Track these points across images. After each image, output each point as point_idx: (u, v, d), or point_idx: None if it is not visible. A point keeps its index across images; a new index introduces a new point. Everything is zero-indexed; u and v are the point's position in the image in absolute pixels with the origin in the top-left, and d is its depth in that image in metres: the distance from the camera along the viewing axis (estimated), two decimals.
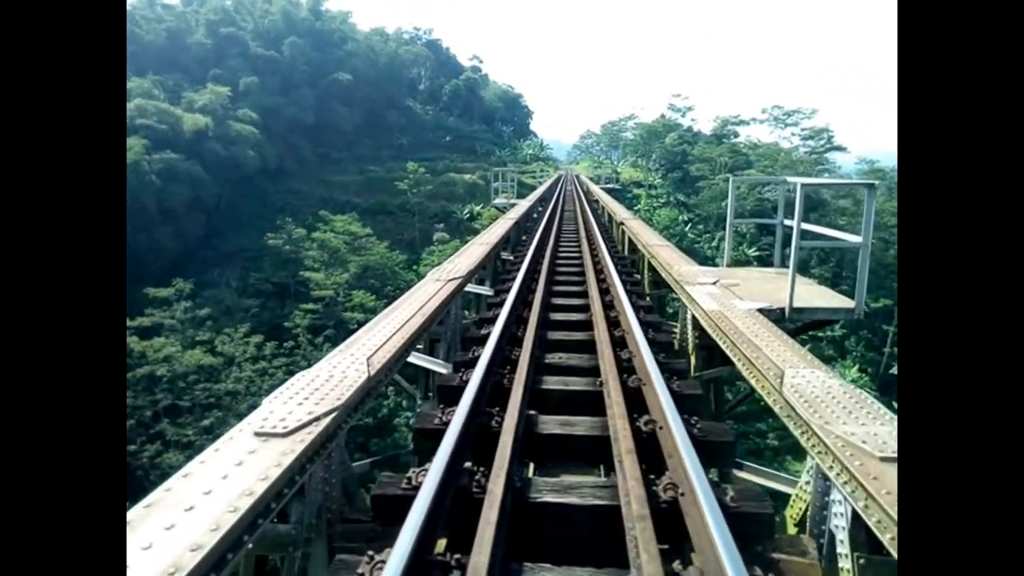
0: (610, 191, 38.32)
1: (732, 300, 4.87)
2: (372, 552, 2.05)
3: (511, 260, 10.12)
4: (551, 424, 3.17)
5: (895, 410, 2.35)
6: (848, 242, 4.81)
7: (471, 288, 8.00)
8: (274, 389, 3.00)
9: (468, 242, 10.94)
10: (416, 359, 5.20)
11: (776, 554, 2.52)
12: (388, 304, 5.93)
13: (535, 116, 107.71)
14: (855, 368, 33.57)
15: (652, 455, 2.74)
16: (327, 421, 2.62)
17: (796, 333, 4.99)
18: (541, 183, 43.07)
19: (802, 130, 63.42)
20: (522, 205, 19.07)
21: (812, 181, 5.83)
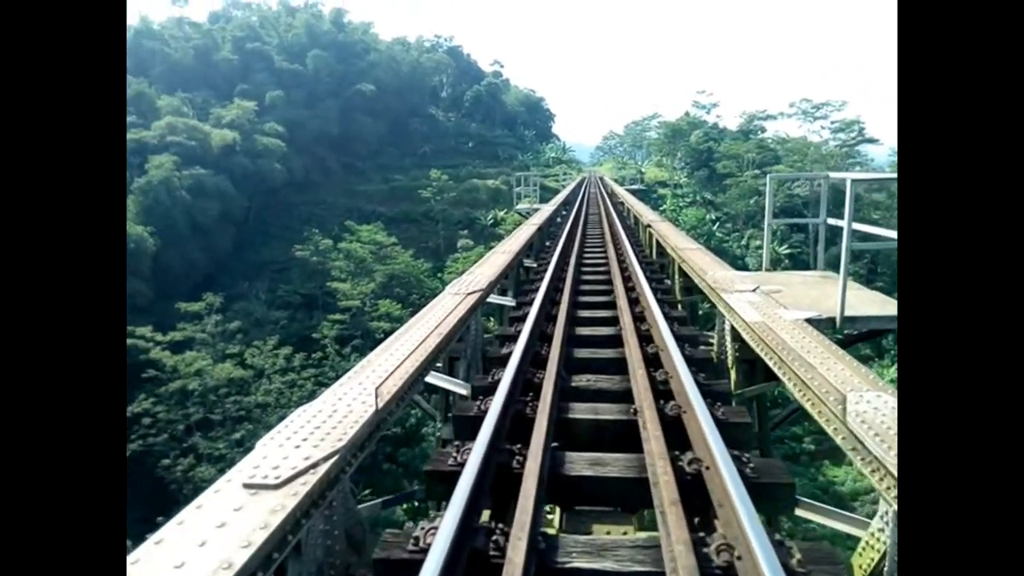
0: (635, 192, 37.74)
1: (776, 309, 4.45)
2: None
3: (535, 268, 9.79)
4: (579, 464, 2.79)
5: None
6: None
7: (493, 299, 7.69)
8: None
9: (492, 249, 10.66)
10: (434, 379, 4.89)
11: None
12: (414, 313, 5.64)
13: (557, 119, 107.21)
14: (894, 368, 32.31)
15: (698, 502, 2.38)
16: (326, 467, 2.32)
17: (846, 344, 4.55)
18: (564, 186, 42.69)
19: (832, 123, 61.79)
20: (545, 210, 18.73)
21: (864, 176, 5.37)
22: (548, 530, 2.50)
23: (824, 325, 4.31)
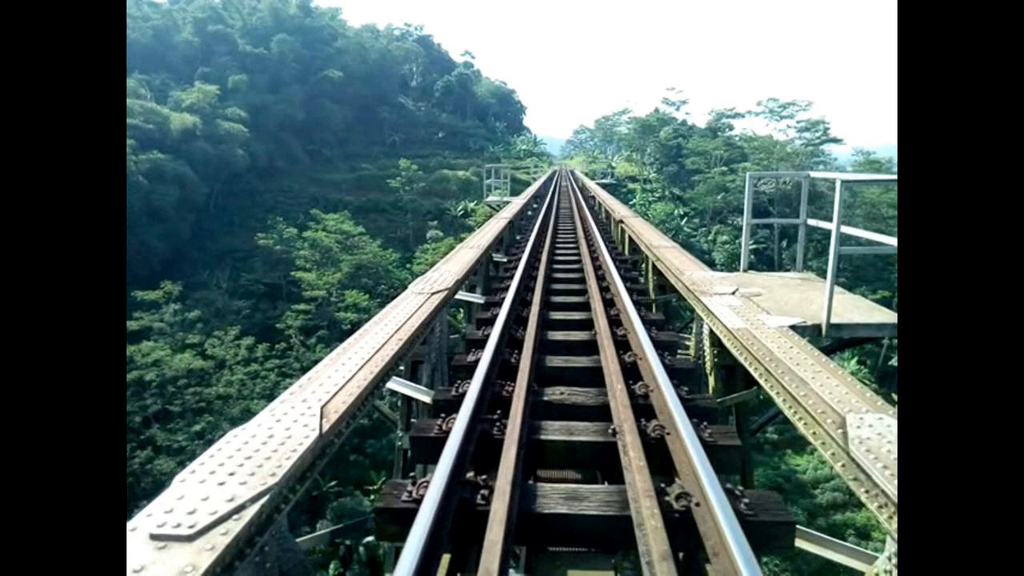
0: (606, 186, 37.63)
1: (758, 315, 4.21)
2: None
3: (505, 262, 9.45)
4: (554, 500, 2.42)
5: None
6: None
7: (461, 295, 7.34)
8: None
9: (462, 241, 10.28)
10: (396, 384, 4.54)
11: None
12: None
13: (528, 112, 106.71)
14: (854, 360, 33.02)
15: (690, 545, 2.09)
16: (255, 509, 1.96)
17: (829, 352, 4.34)
18: (536, 179, 42.38)
19: (798, 122, 62.82)
20: (516, 203, 18.38)
21: (852, 177, 5.16)
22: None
23: (809, 332, 4.08)
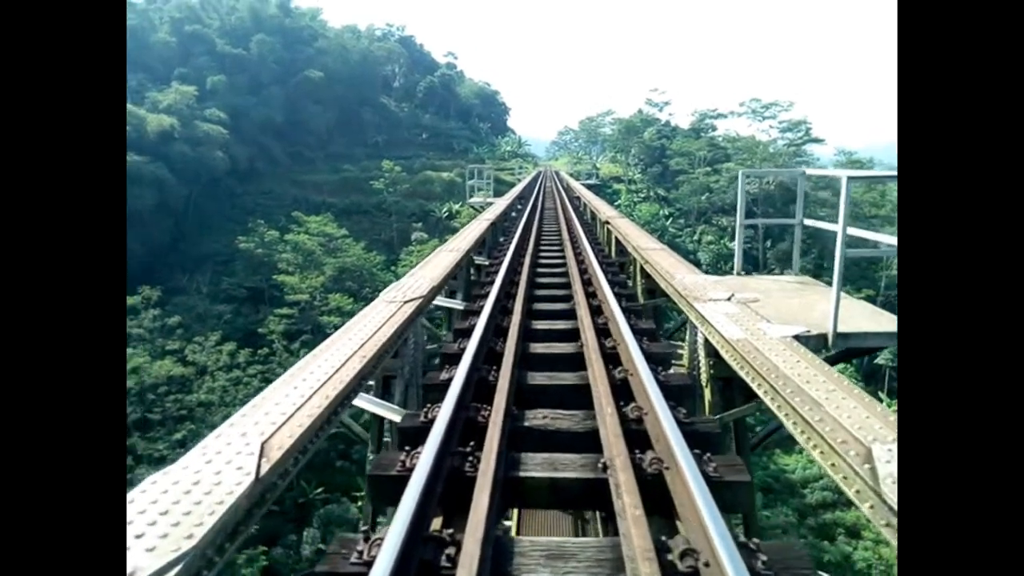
0: (591, 187, 37.42)
1: (758, 323, 3.87)
2: None
3: (486, 265, 9.07)
4: (533, 560, 2.00)
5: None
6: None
7: (440, 301, 6.95)
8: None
9: (447, 241, 9.88)
10: (364, 402, 4.14)
11: None
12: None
13: (512, 113, 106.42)
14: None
15: None
16: None
17: (832, 363, 4.01)
18: (520, 180, 42.08)
19: (780, 123, 63.29)
20: (499, 204, 18.00)
21: (861, 174, 4.84)
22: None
23: (813, 342, 3.75)
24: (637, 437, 2.73)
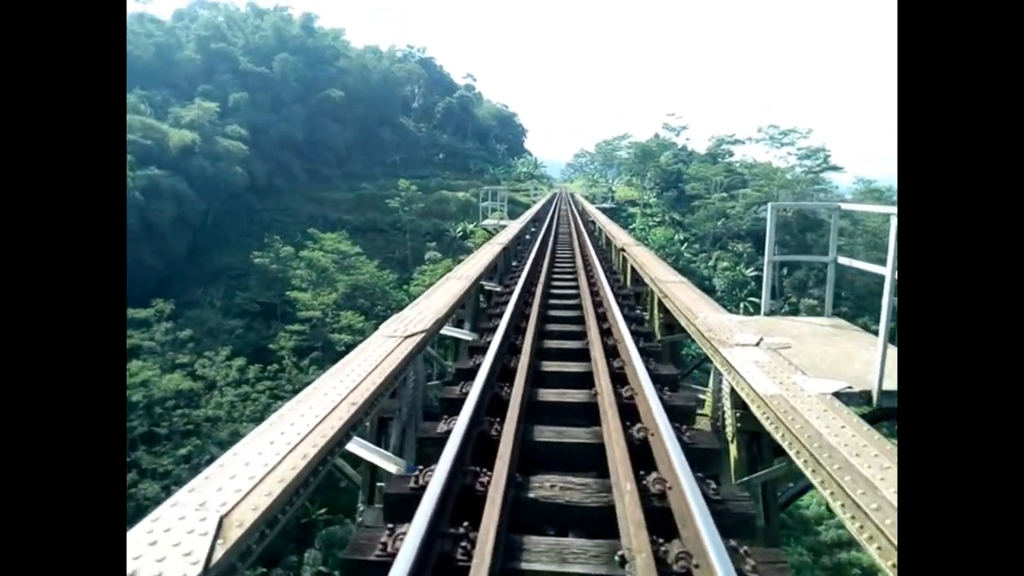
0: (606, 211, 37.12)
1: (792, 376, 3.50)
2: None
3: (497, 291, 8.74)
4: None
5: None
6: None
7: (447, 331, 6.63)
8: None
9: (459, 262, 9.59)
10: (357, 448, 3.79)
11: None
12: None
13: (529, 134, 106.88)
14: None
15: None
16: None
17: (873, 422, 3.60)
18: (535, 201, 41.95)
19: (798, 149, 62.77)
20: (513, 227, 17.75)
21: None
22: None
23: (855, 400, 3.37)
24: (660, 519, 2.37)
